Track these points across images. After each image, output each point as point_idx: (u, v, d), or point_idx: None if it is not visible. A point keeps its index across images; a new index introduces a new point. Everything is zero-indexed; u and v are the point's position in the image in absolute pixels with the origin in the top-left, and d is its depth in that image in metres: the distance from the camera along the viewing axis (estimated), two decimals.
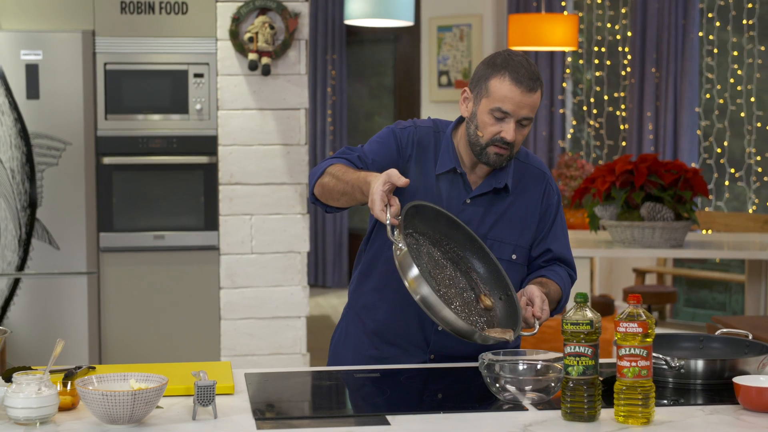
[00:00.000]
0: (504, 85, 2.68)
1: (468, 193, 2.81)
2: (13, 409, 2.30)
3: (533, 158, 2.93)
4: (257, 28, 5.19)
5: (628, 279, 8.87)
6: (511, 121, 2.69)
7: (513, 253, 2.84)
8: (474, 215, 2.81)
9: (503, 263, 2.80)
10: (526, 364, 2.62)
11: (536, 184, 2.88)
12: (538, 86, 2.71)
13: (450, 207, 2.80)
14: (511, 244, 2.84)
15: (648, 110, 8.96)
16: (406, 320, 2.86)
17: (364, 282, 2.92)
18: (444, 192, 2.80)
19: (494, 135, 2.71)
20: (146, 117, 5.42)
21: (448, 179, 2.81)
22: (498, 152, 2.73)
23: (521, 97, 2.68)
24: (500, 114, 2.69)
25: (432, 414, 2.44)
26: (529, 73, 2.69)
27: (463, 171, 2.80)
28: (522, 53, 2.77)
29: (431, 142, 2.82)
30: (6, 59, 5.29)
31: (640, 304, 2.38)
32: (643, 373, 2.33)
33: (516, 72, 2.68)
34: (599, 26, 9.42)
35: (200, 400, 2.35)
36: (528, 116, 2.70)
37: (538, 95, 2.71)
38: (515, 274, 2.86)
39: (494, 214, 2.82)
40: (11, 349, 5.28)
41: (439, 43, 9.94)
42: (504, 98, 2.68)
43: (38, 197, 5.34)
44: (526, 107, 2.69)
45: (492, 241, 2.82)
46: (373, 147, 2.82)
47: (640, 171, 5.38)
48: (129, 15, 5.38)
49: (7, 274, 5.35)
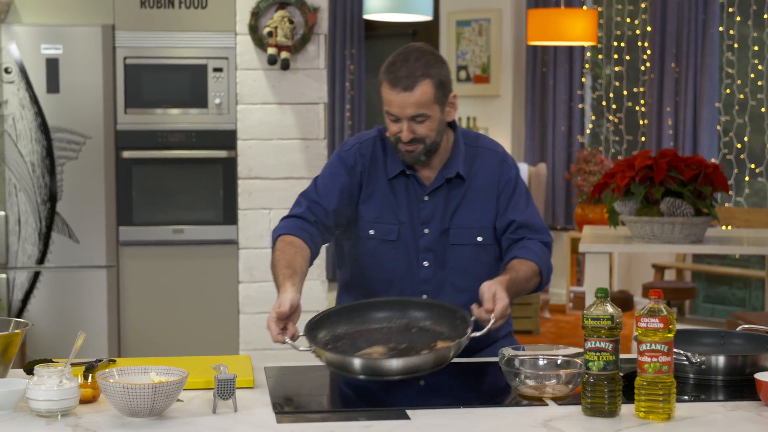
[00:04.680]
0: (386, 89, 2.76)
1: (424, 191, 2.85)
2: (34, 401, 2.31)
3: (484, 140, 2.96)
4: (276, 23, 5.20)
5: (647, 274, 8.84)
6: (403, 121, 2.75)
7: (478, 236, 2.87)
8: (435, 209, 2.85)
9: (470, 248, 2.85)
10: (547, 359, 2.62)
11: (490, 164, 2.91)
12: (420, 82, 2.72)
13: (410, 206, 2.84)
14: (475, 227, 2.87)
15: (667, 105, 8.92)
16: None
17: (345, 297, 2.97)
18: (400, 194, 2.85)
19: (395, 135, 2.79)
20: (165, 111, 5.43)
21: (401, 182, 2.86)
22: (407, 150, 2.79)
23: (400, 99, 2.73)
24: (392, 116, 2.77)
25: (452, 408, 2.43)
26: (408, 72, 2.73)
27: (412, 171, 2.85)
28: (418, 46, 2.81)
29: (378, 150, 2.89)
30: (26, 53, 5.30)
31: (661, 300, 2.37)
32: (664, 369, 2.33)
33: (393, 74, 2.75)
34: (618, 21, 9.39)
35: (221, 394, 2.36)
36: (417, 113, 2.74)
37: (421, 91, 2.73)
38: (485, 254, 2.89)
39: (453, 203, 2.86)
40: (31, 341, 5.30)
41: (458, 38, 9.93)
42: (389, 102, 2.76)
43: (58, 191, 5.35)
44: (410, 106, 2.74)
45: (456, 229, 2.85)
46: (326, 181, 2.88)
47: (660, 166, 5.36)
48: (149, 9, 5.39)
49: (28, 267, 5.37)
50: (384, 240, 2.86)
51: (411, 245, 2.86)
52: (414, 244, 2.86)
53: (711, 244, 5.55)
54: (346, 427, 2.30)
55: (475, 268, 2.88)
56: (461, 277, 2.88)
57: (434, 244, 2.86)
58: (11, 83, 5.31)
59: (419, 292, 2.86)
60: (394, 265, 2.86)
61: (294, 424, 2.31)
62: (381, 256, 2.86)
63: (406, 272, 2.86)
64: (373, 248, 2.87)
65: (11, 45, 5.29)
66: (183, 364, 2.56)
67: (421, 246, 2.86)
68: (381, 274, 2.88)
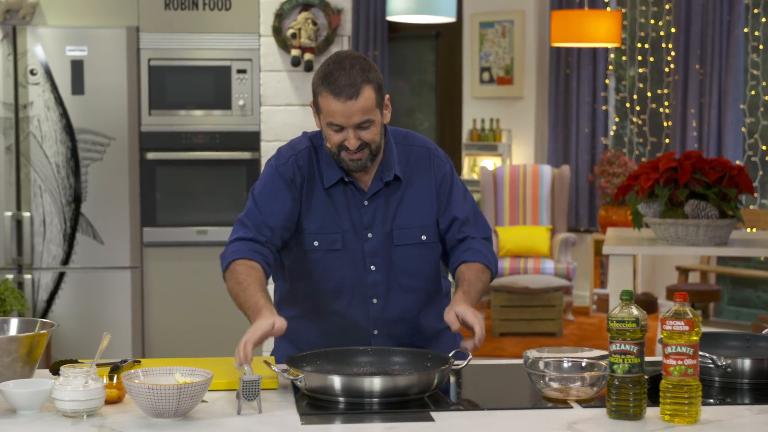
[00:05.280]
0: (326, 100, 2.68)
1: (363, 196, 2.82)
2: (60, 401, 2.32)
3: (414, 138, 2.93)
4: (300, 24, 5.20)
5: (671, 277, 8.81)
6: (349, 130, 2.71)
7: (422, 235, 2.86)
8: (376, 213, 2.83)
9: (415, 247, 2.84)
10: (571, 361, 2.61)
11: (423, 162, 2.89)
12: (362, 88, 2.67)
13: (351, 213, 2.82)
14: (417, 226, 2.85)
15: (692, 107, 8.88)
16: (350, 336, 2.85)
17: (286, 310, 2.88)
18: (339, 202, 2.82)
19: (339, 144, 2.73)
20: (189, 113, 5.45)
21: (339, 190, 2.82)
22: (352, 158, 2.74)
23: (345, 108, 2.67)
24: (335, 127, 2.70)
25: (476, 411, 2.43)
26: (349, 80, 2.66)
27: (350, 179, 2.81)
28: (348, 53, 2.74)
29: (312, 159, 2.83)
30: (52, 55, 5.33)
31: (686, 303, 2.36)
32: (689, 372, 2.31)
33: (334, 85, 2.67)
34: (642, 22, 9.36)
35: (245, 395, 2.36)
36: (363, 120, 2.70)
37: (365, 97, 2.68)
38: (431, 252, 2.88)
39: (393, 205, 2.84)
40: (55, 341, 5.33)
41: (481, 40, 9.91)
42: (331, 113, 2.68)
43: (83, 192, 5.38)
44: (355, 114, 2.68)
45: (399, 229, 2.84)
46: (268, 199, 2.81)
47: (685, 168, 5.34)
48: (173, 11, 5.41)
49: (52, 268, 5.40)
50: (329, 250, 2.82)
51: (357, 252, 2.83)
52: (360, 250, 2.83)
53: (736, 247, 5.52)
54: (370, 429, 2.30)
55: (421, 267, 2.88)
56: (408, 277, 2.87)
57: (379, 248, 2.84)
58: (36, 85, 5.34)
59: (368, 297, 2.84)
60: (341, 273, 2.83)
61: (318, 426, 2.31)
62: (327, 265, 2.83)
63: (354, 279, 2.84)
64: (318, 259, 2.83)
65: (36, 47, 5.32)
66: (207, 365, 2.56)
67: (367, 251, 2.83)
68: (328, 284, 2.85)
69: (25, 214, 5.36)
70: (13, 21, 5.36)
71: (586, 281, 9.39)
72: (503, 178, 9.13)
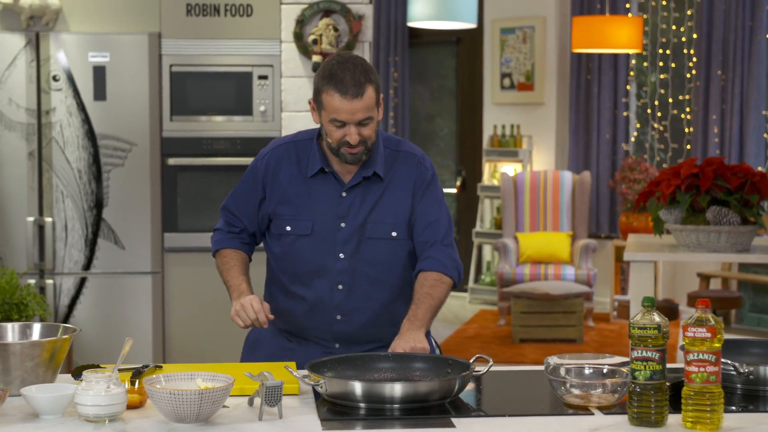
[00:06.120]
0: (333, 98, 2.89)
1: (342, 187, 3.02)
2: (82, 406, 2.33)
3: (405, 144, 3.14)
4: (321, 30, 5.21)
5: (692, 283, 8.77)
6: (351, 127, 2.90)
7: (393, 231, 3.04)
8: (352, 205, 3.02)
9: (386, 242, 3.02)
10: (592, 368, 2.60)
11: (408, 167, 3.08)
12: (366, 88, 2.89)
13: (328, 202, 3.02)
14: (390, 223, 3.03)
15: (713, 113, 8.85)
16: (315, 318, 3.05)
17: (273, 289, 3.15)
18: (319, 191, 3.03)
19: (340, 140, 2.93)
20: (210, 118, 5.46)
21: (321, 179, 3.03)
22: (351, 152, 2.95)
23: (350, 106, 2.88)
24: (338, 123, 2.91)
25: (497, 417, 2.43)
26: (354, 79, 2.88)
27: (331, 169, 3.02)
28: (350, 55, 2.96)
29: (293, 153, 3.08)
30: (74, 61, 5.36)
31: (708, 309, 2.35)
32: (711, 379, 2.31)
33: (340, 83, 2.88)
34: (664, 28, 9.33)
35: (267, 401, 2.36)
36: (365, 117, 2.90)
37: (368, 95, 2.89)
38: (399, 248, 3.05)
39: (371, 200, 3.03)
40: (76, 346, 5.35)
41: (502, 45, 9.91)
42: (336, 110, 2.89)
43: (104, 197, 5.40)
44: (359, 111, 2.89)
45: (372, 223, 3.02)
46: (237, 196, 3.17)
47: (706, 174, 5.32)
48: (194, 17, 5.43)
49: (74, 273, 5.42)
50: (300, 235, 3.03)
51: (328, 239, 3.02)
52: (331, 238, 3.02)
53: (757, 253, 5.49)
54: None
55: (389, 261, 3.05)
56: (376, 269, 3.03)
57: (350, 238, 3.02)
58: (59, 91, 5.37)
59: (335, 283, 3.02)
60: (310, 258, 3.02)
61: (339, 431, 2.31)
62: (299, 250, 3.03)
63: (323, 264, 3.02)
64: (290, 243, 3.05)
65: (59, 53, 5.35)
66: (228, 371, 2.57)
67: (338, 239, 3.02)
68: (299, 267, 3.05)
69: (47, 220, 5.39)
70: (37, 27, 5.39)
71: (607, 287, 9.36)
72: (524, 184, 9.12)
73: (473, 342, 8.14)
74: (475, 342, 8.13)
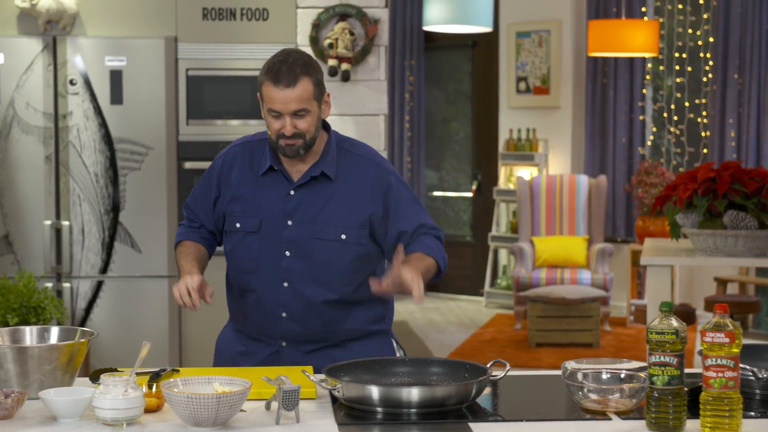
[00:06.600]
0: (268, 88, 2.94)
1: (291, 185, 3.04)
2: (100, 409, 2.33)
3: (361, 147, 3.14)
4: (337, 35, 5.22)
5: (709, 288, 8.75)
6: (286, 117, 2.93)
7: (342, 234, 3.03)
8: (300, 203, 3.03)
9: (333, 243, 3.01)
10: (610, 373, 2.59)
11: (363, 170, 3.07)
12: (300, 79, 2.91)
13: (276, 200, 3.03)
14: (339, 225, 3.03)
15: (730, 117, 8.83)
16: (262, 314, 3.09)
17: (229, 291, 3.24)
18: (267, 189, 3.05)
19: (278, 132, 2.95)
20: (226, 122, 5.47)
21: (270, 178, 3.05)
22: (288, 144, 2.96)
23: (283, 95, 2.91)
24: (275, 113, 2.94)
25: (514, 422, 2.42)
26: (290, 71, 2.92)
27: (280, 167, 3.04)
28: (294, 50, 2.99)
29: (247, 152, 3.11)
30: (91, 65, 5.37)
31: (727, 314, 2.34)
32: (730, 384, 2.30)
33: (275, 73, 2.93)
34: (680, 32, 9.31)
35: (285, 405, 2.36)
36: (299, 108, 2.92)
37: (302, 87, 2.91)
38: (347, 252, 3.03)
39: (321, 200, 3.04)
40: (93, 349, 5.36)
41: (518, 49, 9.90)
42: (271, 100, 2.93)
43: (121, 201, 5.41)
44: (292, 101, 2.91)
45: (321, 224, 3.02)
46: (196, 194, 3.21)
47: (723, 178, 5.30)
48: (211, 21, 5.44)
49: (91, 277, 5.44)
50: (248, 232, 3.07)
51: (274, 236, 3.04)
52: (277, 235, 3.04)
53: None
54: None
55: (337, 263, 3.04)
56: (323, 270, 3.03)
57: (297, 236, 3.03)
58: (76, 95, 5.38)
59: (280, 280, 3.04)
60: (257, 255, 3.06)
61: None
62: (247, 247, 3.07)
63: (269, 261, 3.05)
64: (239, 240, 3.09)
65: (76, 57, 5.37)
66: (246, 375, 2.57)
67: (284, 237, 3.03)
68: (247, 264, 3.09)
69: (64, 223, 5.41)
70: (54, 32, 5.41)
71: (623, 292, 9.34)
72: (540, 188, 9.11)
73: (489, 346, 8.12)
74: (491, 346, 8.12)
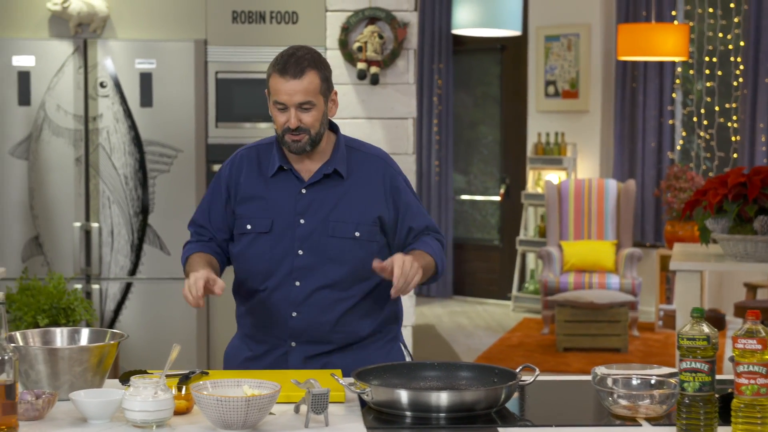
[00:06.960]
0: (274, 79, 2.94)
1: (302, 184, 3.04)
2: (130, 411, 2.34)
3: (369, 147, 3.17)
4: (366, 38, 5.22)
5: (738, 293, 8.69)
6: (291, 109, 2.93)
7: (356, 231, 3.03)
8: (312, 202, 3.03)
9: (347, 241, 3.02)
10: (640, 378, 2.58)
11: (374, 169, 3.09)
12: (307, 71, 2.92)
13: (287, 199, 3.03)
14: (353, 222, 3.03)
15: (761, 121, 8.77)
16: (271, 314, 3.06)
17: (237, 297, 3.20)
18: (278, 189, 3.04)
19: (283, 126, 2.96)
20: (255, 125, 5.49)
21: (281, 178, 3.05)
22: (293, 139, 2.96)
23: (289, 86, 2.91)
24: (280, 106, 2.95)
25: (544, 427, 2.41)
26: (296, 61, 2.93)
27: (290, 167, 3.04)
28: (303, 46, 3.00)
29: (255, 156, 3.11)
30: (121, 68, 5.40)
31: (759, 321, 2.32)
32: (762, 391, 2.28)
33: (282, 64, 2.93)
34: (710, 36, 9.27)
35: (314, 408, 2.37)
36: (305, 101, 2.93)
37: (308, 79, 2.92)
38: (361, 249, 3.03)
39: (333, 199, 3.04)
40: (121, 351, 5.38)
41: (547, 53, 9.87)
42: (277, 91, 2.94)
43: (150, 203, 5.43)
44: (298, 93, 2.92)
45: (335, 222, 3.02)
46: (203, 207, 3.17)
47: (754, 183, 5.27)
48: (240, 24, 5.45)
49: (120, 279, 5.46)
50: (260, 233, 3.05)
51: (286, 235, 3.03)
52: (290, 234, 3.03)
53: None
54: None
55: (350, 261, 3.03)
56: (336, 268, 3.03)
57: (310, 235, 3.02)
58: (106, 97, 5.41)
59: (292, 279, 3.02)
60: (270, 255, 3.04)
61: None
62: (259, 247, 3.05)
63: (282, 261, 3.03)
64: (250, 241, 3.07)
65: (106, 59, 5.40)
66: (275, 378, 2.57)
67: (297, 236, 3.02)
68: (257, 265, 3.06)
69: (93, 225, 5.43)
70: (84, 34, 5.44)
71: (652, 297, 9.29)
72: (568, 192, 9.08)
73: (517, 350, 8.10)
74: (519, 350, 8.10)
